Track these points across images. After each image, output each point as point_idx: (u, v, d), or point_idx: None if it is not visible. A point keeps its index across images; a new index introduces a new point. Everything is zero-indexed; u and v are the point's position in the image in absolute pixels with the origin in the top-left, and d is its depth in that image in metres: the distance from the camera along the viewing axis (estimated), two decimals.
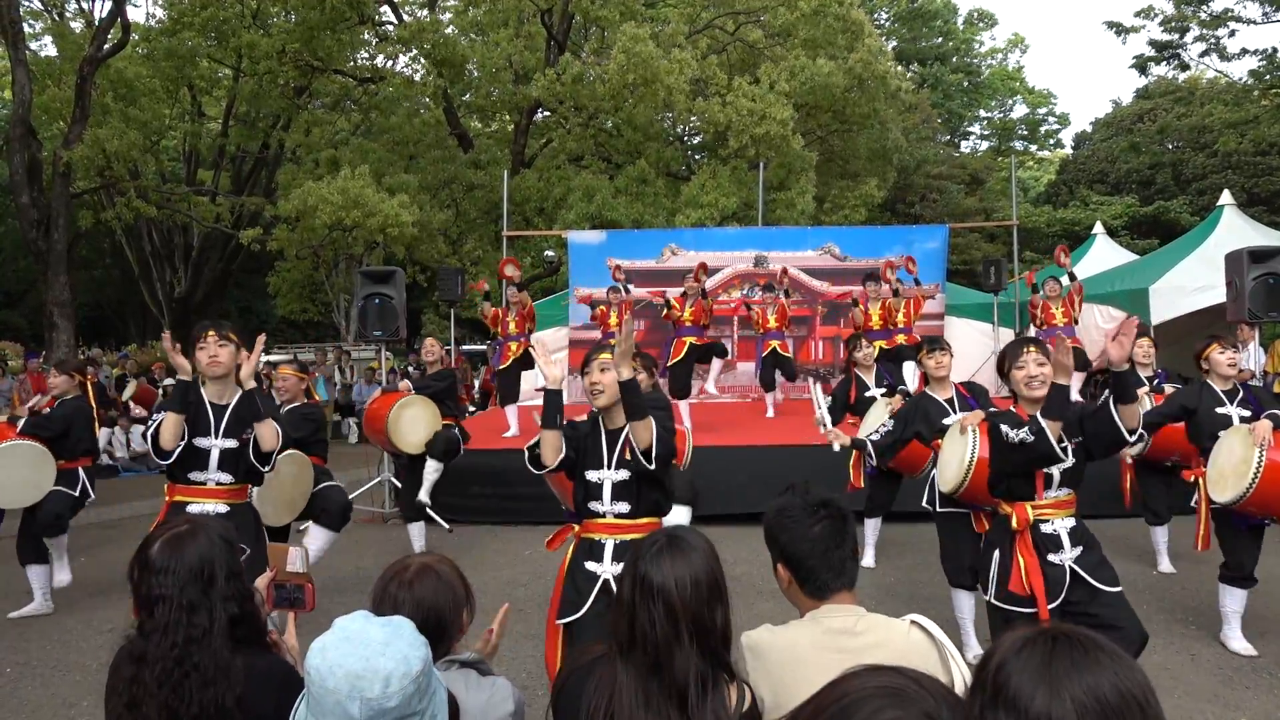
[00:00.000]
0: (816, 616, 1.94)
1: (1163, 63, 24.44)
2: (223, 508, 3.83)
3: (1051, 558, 3.36)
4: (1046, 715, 0.99)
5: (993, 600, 3.49)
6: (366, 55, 21.68)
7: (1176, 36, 22.74)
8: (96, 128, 16.17)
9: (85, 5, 21.72)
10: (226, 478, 3.87)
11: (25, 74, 15.49)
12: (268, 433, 3.89)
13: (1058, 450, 3.22)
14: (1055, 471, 3.40)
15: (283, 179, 19.43)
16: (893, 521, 7.34)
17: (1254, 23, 21.46)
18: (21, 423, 6.14)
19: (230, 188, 22.29)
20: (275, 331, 31.80)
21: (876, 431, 5.02)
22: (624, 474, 3.22)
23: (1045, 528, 3.41)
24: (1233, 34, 21.48)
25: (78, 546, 7.98)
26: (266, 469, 3.98)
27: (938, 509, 5.08)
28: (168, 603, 1.90)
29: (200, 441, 3.83)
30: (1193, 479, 5.03)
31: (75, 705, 4.56)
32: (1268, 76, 22.31)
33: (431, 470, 7.33)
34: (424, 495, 7.34)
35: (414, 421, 7.15)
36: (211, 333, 3.85)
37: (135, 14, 33.79)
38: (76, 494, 6.18)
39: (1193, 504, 5.07)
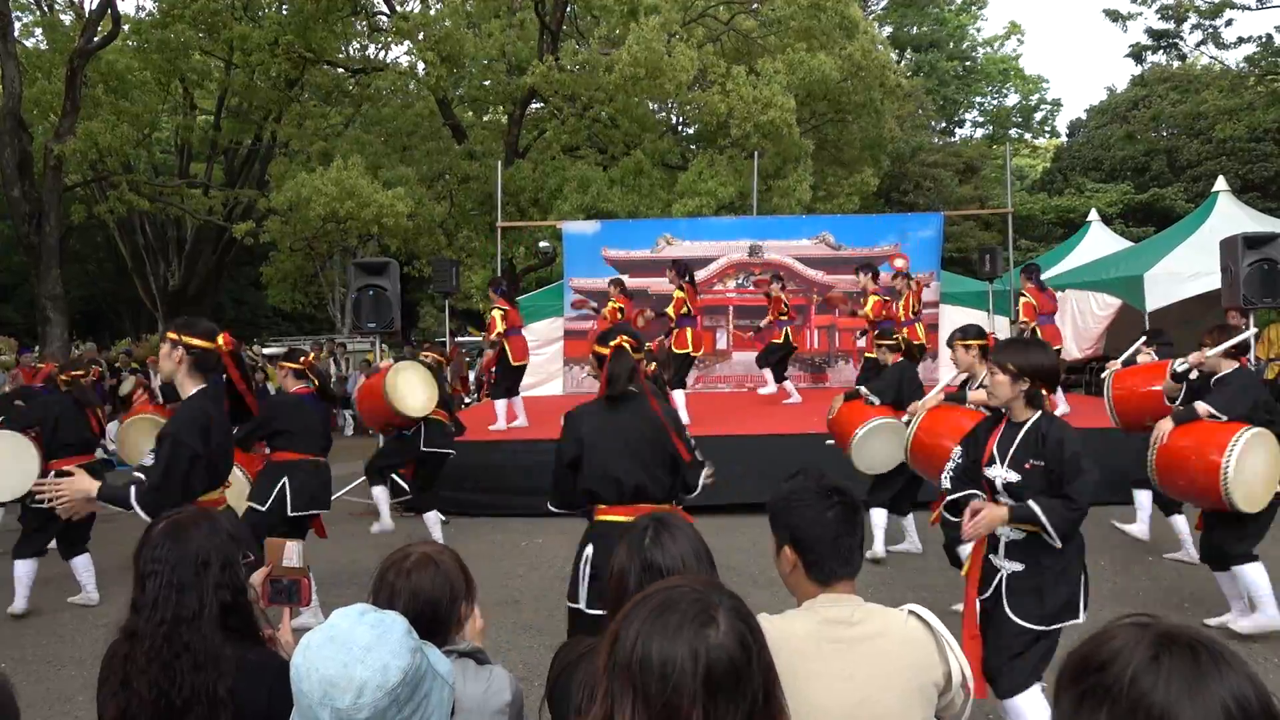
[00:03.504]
0: (814, 606, 1.92)
1: (1159, 51, 24.33)
2: None
3: (991, 557, 3.38)
4: None
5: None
6: (359, 46, 21.55)
7: (1174, 25, 22.62)
8: (88, 120, 16.07)
9: None
10: None
11: (15, 66, 15.39)
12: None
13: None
14: (997, 482, 3.34)
15: (275, 171, 19.33)
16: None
17: (1249, 9, 21.35)
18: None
19: (223, 180, 22.16)
20: (267, 323, 31.74)
21: None
22: None
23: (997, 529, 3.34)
24: (1229, 23, 21.36)
25: None
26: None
27: None
28: (158, 578, 1.92)
29: None
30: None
31: (70, 700, 4.55)
32: (1263, 62, 22.20)
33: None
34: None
35: (410, 385, 7.03)
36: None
37: (125, 6, 33.63)
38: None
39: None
